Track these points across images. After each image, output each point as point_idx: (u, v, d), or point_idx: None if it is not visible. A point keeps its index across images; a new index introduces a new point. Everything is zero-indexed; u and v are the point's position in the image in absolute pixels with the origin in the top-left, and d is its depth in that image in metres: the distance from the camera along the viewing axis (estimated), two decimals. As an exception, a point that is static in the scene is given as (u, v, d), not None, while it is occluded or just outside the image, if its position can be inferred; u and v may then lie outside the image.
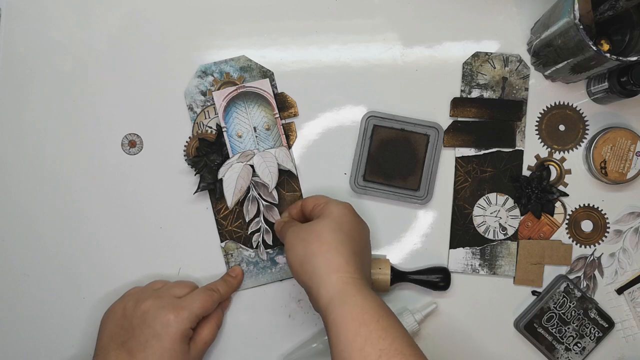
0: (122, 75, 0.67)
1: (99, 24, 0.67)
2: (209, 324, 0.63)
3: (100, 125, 0.67)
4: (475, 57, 0.66)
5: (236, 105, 0.66)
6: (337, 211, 0.56)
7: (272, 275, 0.66)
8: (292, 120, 0.67)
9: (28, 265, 0.66)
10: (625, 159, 0.64)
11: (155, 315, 0.58)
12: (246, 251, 0.66)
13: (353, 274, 0.52)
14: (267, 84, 0.65)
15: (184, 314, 0.58)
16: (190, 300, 0.60)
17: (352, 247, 0.54)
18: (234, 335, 0.67)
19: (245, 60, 0.66)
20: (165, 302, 0.59)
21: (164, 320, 0.57)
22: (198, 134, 0.66)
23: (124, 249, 0.66)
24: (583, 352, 0.65)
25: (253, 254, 0.66)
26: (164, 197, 0.67)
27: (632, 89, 0.60)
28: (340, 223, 0.55)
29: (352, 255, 0.53)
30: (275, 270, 0.66)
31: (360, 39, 0.67)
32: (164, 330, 0.57)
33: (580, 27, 0.54)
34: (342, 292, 0.50)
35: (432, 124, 0.65)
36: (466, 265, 0.66)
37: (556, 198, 0.66)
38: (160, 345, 0.57)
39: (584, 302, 0.65)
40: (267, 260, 0.66)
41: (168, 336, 0.57)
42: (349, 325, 0.48)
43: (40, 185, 0.67)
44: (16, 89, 0.67)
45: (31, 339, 0.66)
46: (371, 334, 0.47)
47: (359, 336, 0.47)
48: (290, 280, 0.66)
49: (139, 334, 0.57)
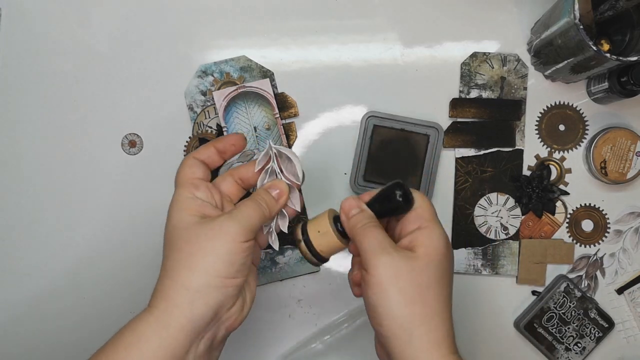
0: (122, 75, 0.67)
1: (99, 24, 0.67)
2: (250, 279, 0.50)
3: (101, 125, 0.67)
4: (473, 57, 0.66)
5: (236, 105, 0.66)
6: (441, 247, 0.45)
7: (272, 275, 0.66)
8: (292, 120, 0.67)
9: (29, 265, 0.66)
10: (625, 159, 0.65)
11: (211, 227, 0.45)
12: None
13: (453, 347, 0.44)
14: (268, 83, 0.65)
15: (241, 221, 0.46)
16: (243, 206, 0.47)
17: (450, 303, 0.45)
18: (234, 335, 0.66)
19: (245, 60, 0.66)
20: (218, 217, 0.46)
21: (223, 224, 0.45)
22: (198, 134, 0.66)
23: (126, 248, 0.66)
24: (583, 352, 0.65)
25: None
26: (165, 197, 0.66)
27: (632, 89, 0.60)
28: (444, 272, 0.45)
29: (451, 323, 0.45)
30: (275, 270, 0.66)
31: (360, 39, 0.67)
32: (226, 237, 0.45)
33: (580, 27, 0.54)
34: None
35: (432, 124, 0.65)
36: (468, 265, 0.66)
37: (557, 197, 0.66)
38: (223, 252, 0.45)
39: (584, 302, 0.65)
40: (267, 260, 0.66)
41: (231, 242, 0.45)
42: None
43: (40, 185, 0.66)
44: (16, 88, 0.67)
45: (31, 339, 0.66)
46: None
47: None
48: (290, 280, 0.66)
49: (203, 242, 0.45)
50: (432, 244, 0.45)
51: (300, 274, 0.66)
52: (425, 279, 0.44)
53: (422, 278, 0.43)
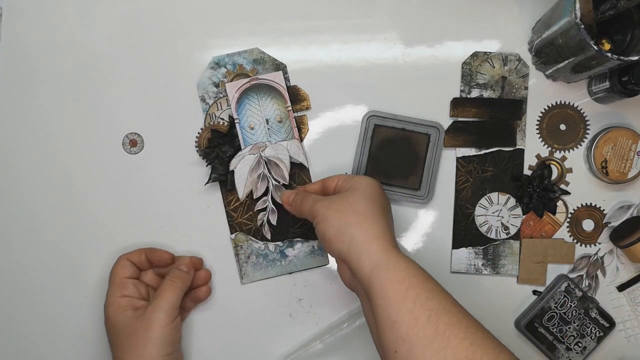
0: (124, 73, 0.67)
1: (105, 18, 0.67)
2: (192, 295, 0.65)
3: (101, 125, 0.67)
4: (474, 57, 0.66)
5: (249, 97, 0.66)
6: (367, 183, 0.57)
7: (282, 267, 0.66)
8: (304, 113, 0.67)
9: (29, 265, 0.66)
10: (626, 158, 0.64)
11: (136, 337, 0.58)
12: (256, 243, 0.66)
13: (392, 242, 0.53)
14: (280, 76, 0.66)
15: (159, 316, 0.58)
16: (159, 300, 0.60)
17: (385, 218, 0.55)
18: (234, 335, 0.66)
19: (258, 52, 0.66)
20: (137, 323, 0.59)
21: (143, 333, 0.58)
22: (210, 125, 0.66)
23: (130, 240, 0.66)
24: (584, 351, 0.65)
25: (263, 246, 0.66)
26: (174, 188, 0.66)
27: (633, 88, 0.60)
28: (371, 195, 0.56)
29: (386, 226, 0.54)
30: (285, 262, 0.66)
31: (361, 39, 0.67)
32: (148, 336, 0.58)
33: (581, 26, 0.54)
34: (385, 258, 0.51)
35: (433, 123, 0.65)
36: (469, 265, 0.66)
37: (558, 197, 0.66)
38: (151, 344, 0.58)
39: (584, 302, 0.65)
40: (277, 252, 0.66)
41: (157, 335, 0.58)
42: (397, 288, 0.49)
43: (41, 185, 0.66)
44: (16, 88, 0.67)
45: (32, 339, 0.66)
46: (419, 295, 0.49)
47: (408, 298, 0.49)
48: (291, 279, 0.66)
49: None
50: (356, 184, 0.57)
51: (309, 267, 0.66)
52: (352, 199, 0.55)
53: (349, 198, 0.55)
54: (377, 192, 0.57)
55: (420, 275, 0.50)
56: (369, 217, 0.54)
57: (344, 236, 0.53)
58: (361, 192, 0.56)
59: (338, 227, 0.53)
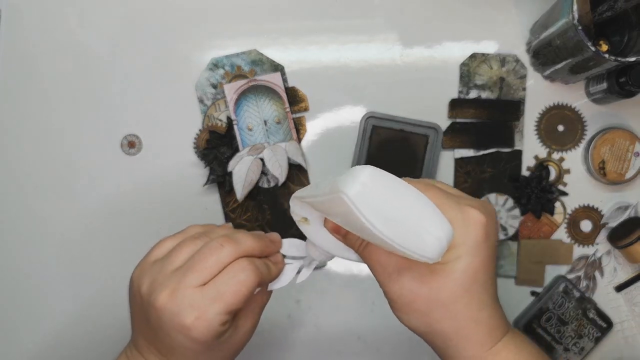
0: (123, 75, 0.67)
1: (104, 19, 0.67)
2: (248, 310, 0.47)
3: (100, 126, 0.67)
4: (472, 58, 0.67)
5: (247, 99, 0.66)
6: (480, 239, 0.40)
7: None
8: (303, 114, 0.67)
9: (29, 265, 0.66)
10: (624, 159, 0.65)
11: (171, 321, 0.41)
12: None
13: (497, 334, 0.42)
14: (279, 77, 0.66)
15: (210, 314, 0.41)
16: (221, 286, 0.42)
17: (489, 302, 0.41)
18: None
19: (256, 53, 0.66)
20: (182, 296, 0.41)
21: (182, 328, 0.41)
22: (209, 126, 0.66)
23: (128, 242, 0.66)
24: (582, 352, 0.65)
25: None
26: (173, 190, 0.66)
27: (631, 89, 0.60)
28: (476, 270, 0.40)
29: (492, 315, 0.42)
30: None
31: (359, 40, 0.67)
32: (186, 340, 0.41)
33: (579, 27, 0.54)
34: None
35: (431, 124, 0.65)
36: (466, 265, 0.66)
37: (556, 197, 0.66)
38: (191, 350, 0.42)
39: (582, 303, 0.65)
40: None
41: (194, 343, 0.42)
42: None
43: (39, 186, 0.66)
44: (16, 88, 0.67)
45: (32, 339, 0.66)
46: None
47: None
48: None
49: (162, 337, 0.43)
50: (463, 248, 0.40)
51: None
52: (448, 294, 0.39)
53: (442, 293, 0.40)
54: (487, 253, 0.41)
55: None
56: (471, 319, 0.41)
57: (440, 344, 0.42)
58: (459, 275, 0.39)
59: (425, 333, 0.42)
